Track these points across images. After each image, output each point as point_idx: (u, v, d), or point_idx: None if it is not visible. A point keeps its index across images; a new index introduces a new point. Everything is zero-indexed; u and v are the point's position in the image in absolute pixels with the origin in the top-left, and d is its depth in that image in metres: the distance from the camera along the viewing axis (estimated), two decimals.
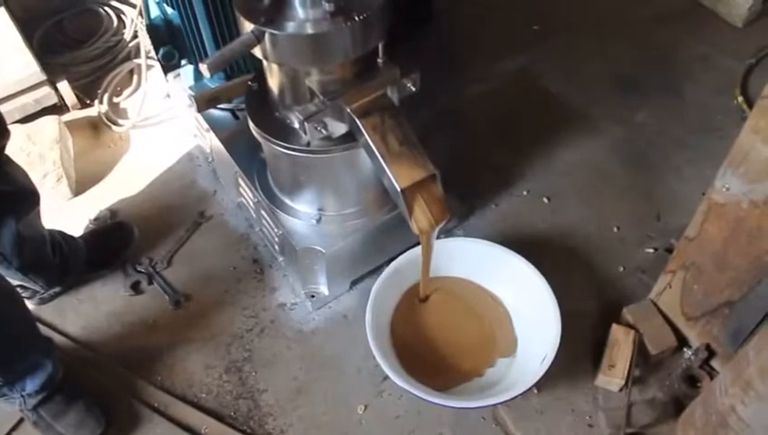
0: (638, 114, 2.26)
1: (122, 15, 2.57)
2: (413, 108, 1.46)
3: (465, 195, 1.96)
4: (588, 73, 2.40)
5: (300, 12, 1.31)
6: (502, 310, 1.69)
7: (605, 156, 2.14)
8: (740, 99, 2.24)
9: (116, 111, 2.34)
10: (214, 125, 1.90)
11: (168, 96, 2.29)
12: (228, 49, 1.32)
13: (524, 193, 2.04)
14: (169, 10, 1.82)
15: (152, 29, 1.85)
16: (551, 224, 1.96)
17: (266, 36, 1.29)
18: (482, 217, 1.98)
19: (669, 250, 1.81)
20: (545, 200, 2.02)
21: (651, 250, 1.87)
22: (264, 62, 1.46)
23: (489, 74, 2.40)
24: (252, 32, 1.30)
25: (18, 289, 1.61)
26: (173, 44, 1.87)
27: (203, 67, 1.29)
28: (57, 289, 1.84)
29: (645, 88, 2.35)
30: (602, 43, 2.51)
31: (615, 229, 1.93)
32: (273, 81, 1.50)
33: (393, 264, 1.67)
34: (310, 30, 1.29)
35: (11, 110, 2.17)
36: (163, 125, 2.30)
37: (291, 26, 1.29)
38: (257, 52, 1.34)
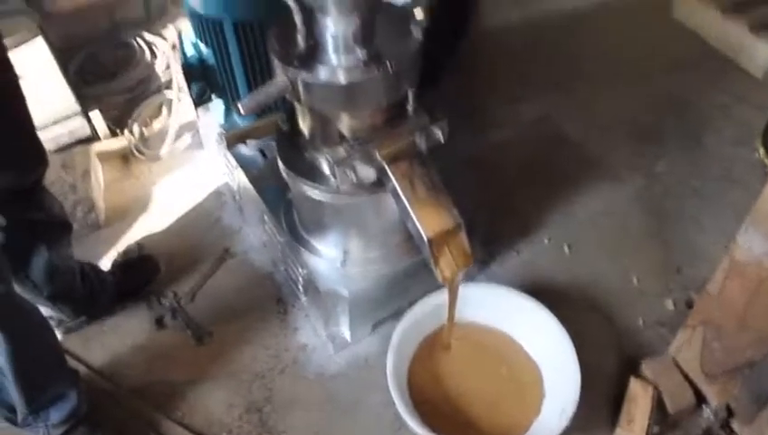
0: (658, 164, 2.28)
1: (155, 48, 2.64)
2: (436, 151, 1.48)
3: (487, 240, 1.97)
4: (608, 121, 2.43)
5: (333, 58, 1.35)
6: (531, 366, 1.67)
7: (625, 205, 2.16)
8: (761, 151, 2.24)
9: (146, 143, 2.38)
10: (242, 163, 1.94)
11: (198, 130, 2.34)
12: (263, 92, 1.36)
13: (545, 241, 2.06)
14: (204, 49, 1.87)
15: (186, 66, 1.90)
16: (571, 273, 1.97)
17: (300, 81, 1.33)
18: (503, 264, 1.99)
19: (689, 304, 1.82)
20: (566, 249, 2.03)
21: (671, 303, 1.87)
22: (296, 104, 1.49)
23: (511, 120, 2.44)
24: (286, 77, 1.34)
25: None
26: (206, 82, 1.92)
27: (238, 110, 1.33)
28: (83, 319, 1.87)
29: (664, 137, 2.37)
30: (622, 92, 2.54)
31: (635, 281, 1.93)
32: (304, 122, 1.53)
33: (414, 309, 1.68)
34: (343, 77, 1.32)
35: (45, 140, 2.19)
36: (192, 159, 2.35)
37: (324, 73, 1.33)
38: (290, 95, 1.38)
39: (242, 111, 1.31)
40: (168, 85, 2.47)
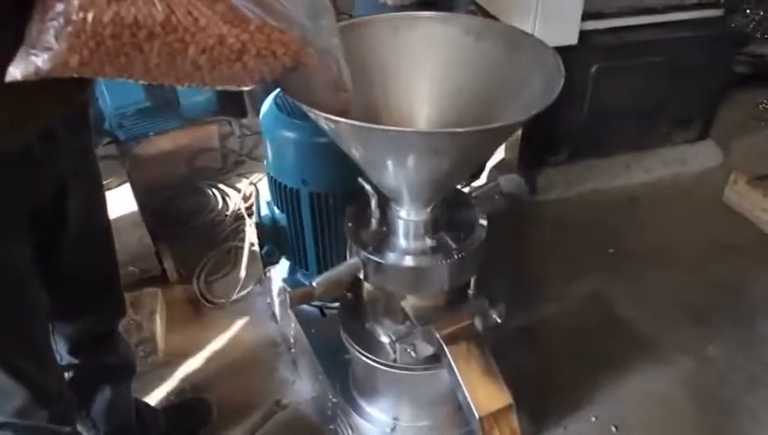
0: (710, 347, 2.28)
1: (227, 198, 2.82)
2: None
3: (534, 415, 1.98)
4: (659, 302, 2.47)
5: (403, 242, 1.46)
6: None
7: (675, 388, 2.15)
8: None
9: (210, 289, 2.49)
10: (301, 319, 2.02)
11: (261, 282, 2.45)
12: (336, 271, 1.47)
13: (593, 419, 2.05)
14: (278, 211, 2.00)
15: (260, 227, 2.02)
16: None
17: (370, 263, 1.44)
18: None
19: None
20: (613, 429, 2.02)
21: None
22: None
23: (562, 294, 2.49)
24: (359, 257, 1.45)
25: None
26: (276, 242, 2.04)
27: (313, 285, 1.44)
28: None
29: (716, 320, 2.38)
30: (675, 272, 2.59)
31: None
32: (369, 297, 1.62)
33: None
34: (411, 263, 1.43)
35: None
36: (253, 306, 2.43)
37: (393, 256, 1.43)
38: (359, 273, 1.48)
39: (316, 289, 1.41)
40: (237, 236, 2.62)
